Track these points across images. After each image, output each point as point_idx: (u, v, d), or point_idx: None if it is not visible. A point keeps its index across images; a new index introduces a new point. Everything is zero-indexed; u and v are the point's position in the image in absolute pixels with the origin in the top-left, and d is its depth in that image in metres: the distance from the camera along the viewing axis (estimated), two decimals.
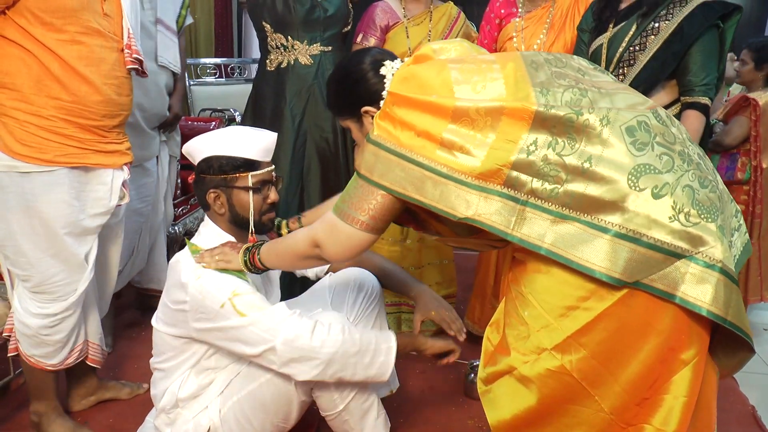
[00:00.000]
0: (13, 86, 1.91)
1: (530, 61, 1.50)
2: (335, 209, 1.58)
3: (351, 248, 1.58)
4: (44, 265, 2.05)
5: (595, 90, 1.45)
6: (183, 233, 3.95)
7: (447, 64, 1.51)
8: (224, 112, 4.83)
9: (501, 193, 1.40)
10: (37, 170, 1.96)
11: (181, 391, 1.92)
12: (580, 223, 1.36)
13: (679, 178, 1.35)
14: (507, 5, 2.84)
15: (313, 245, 1.63)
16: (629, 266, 1.33)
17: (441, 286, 3.09)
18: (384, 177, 1.48)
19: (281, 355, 1.72)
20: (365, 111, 1.65)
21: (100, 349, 2.39)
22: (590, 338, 1.40)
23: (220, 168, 1.89)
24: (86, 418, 2.39)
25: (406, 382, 2.57)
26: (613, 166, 1.35)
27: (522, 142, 1.37)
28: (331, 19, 2.74)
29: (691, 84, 2.23)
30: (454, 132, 1.41)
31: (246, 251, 1.83)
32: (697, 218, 1.33)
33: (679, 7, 2.27)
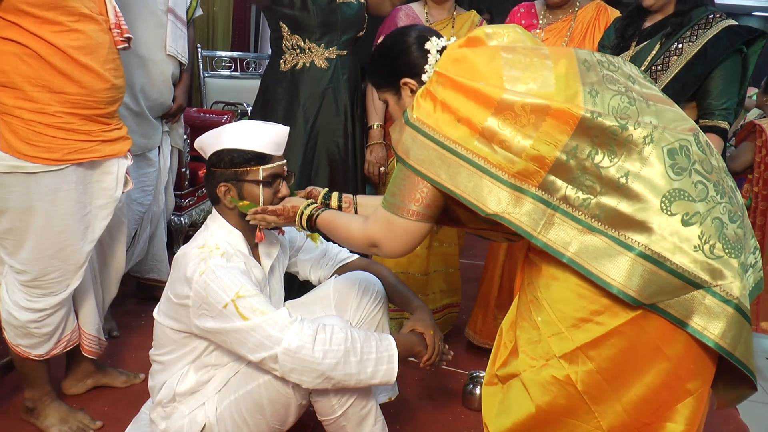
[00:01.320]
0: (12, 85, 1.86)
1: (583, 59, 1.48)
2: (385, 204, 1.56)
3: (410, 242, 1.55)
4: (43, 263, 2.03)
5: (642, 101, 1.43)
6: (188, 224, 3.95)
7: (500, 52, 1.48)
8: (237, 105, 4.84)
9: (534, 195, 1.38)
10: (44, 170, 1.93)
11: (179, 386, 1.90)
12: (606, 237, 1.34)
13: (711, 209, 1.34)
14: (528, 16, 2.83)
15: (370, 245, 1.60)
16: (648, 288, 1.31)
17: (445, 294, 3.07)
18: (420, 162, 1.46)
19: (282, 365, 1.70)
20: (405, 83, 1.64)
21: (96, 339, 2.37)
22: (599, 352, 1.39)
23: (231, 161, 1.87)
24: (81, 405, 2.37)
25: (404, 390, 2.55)
26: (649, 185, 1.33)
27: (563, 147, 1.35)
28: (348, 22, 2.73)
29: (711, 107, 2.22)
30: (495, 124, 1.39)
31: (300, 215, 1.81)
32: (721, 252, 1.32)
33: (703, 29, 2.25)
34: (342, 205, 1.98)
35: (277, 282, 2.10)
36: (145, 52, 2.64)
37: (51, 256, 2.03)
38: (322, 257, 2.23)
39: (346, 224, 1.69)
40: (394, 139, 1.55)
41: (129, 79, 2.15)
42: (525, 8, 2.87)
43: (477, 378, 2.62)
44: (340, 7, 2.71)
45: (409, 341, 1.90)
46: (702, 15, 2.27)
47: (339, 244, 1.79)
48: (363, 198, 2.01)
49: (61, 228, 2.01)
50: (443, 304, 3.07)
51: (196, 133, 3.76)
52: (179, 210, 3.88)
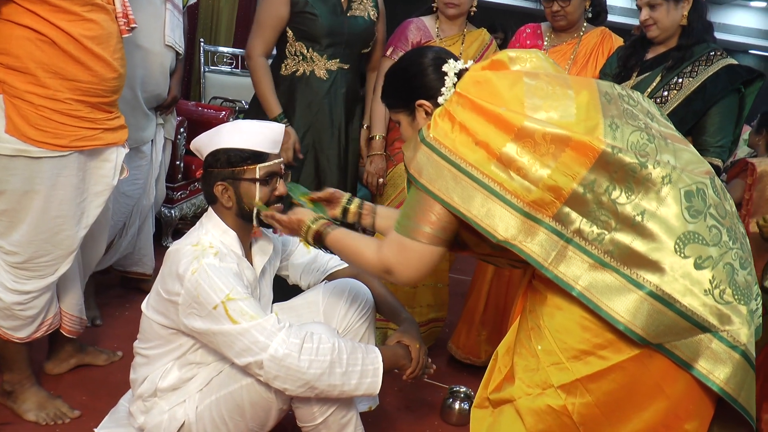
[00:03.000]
0: (26, 70, 1.88)
1: (605, 91, 1.49)
2: (398, 228, 1.53)
3: (422, 267, 1.52)
4: (36, 246, 2.04)
5: (661, 139, 1.44)
6: (178, 218, 3.94)
7: (522, 78, 1.48)
8: (235, 102, 4.83)
9: (548, 226, 1.38)
10: (48, 155, 1.94)
11: (161, 381, 1.90)
12: (618, 273, 1.35)
13: (723, 255, 1.35)
14: (533, 37, 2.86)
15: (384, 271, 1.57)
16: (655, 327, 1.33)
17: (432, 308, 3.08)
18: (433, 183, 1.45)
19: (267, 371, 1.70)
20: (420, 104, 1.63)
21: (78, 319, 2.37)
22: (599, 386, 1.40)
23: (228, 160, 1.87)
24: (60, 393, 2.37)
25: (384, 400, 2.56)
26: (664, 226, 1.34)
27: (580, 179, 1.36)
28: (355, 36, 2.73)
29: (706, 144, 2.24)
30: (514, 151, 1.39)
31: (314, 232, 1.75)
32: (731, 298, 1.34)
33: (704, 65, 2.28)
34: (362, 213, 1.96)
35: (267, 285, 2.10)
36: (144, 43, 2.63)
37: (45, 240, 2.03)
38: (312, 262, 2.23)
39: (359, 248, 1.65)
40: (407, 156, 1.54)
41: (129, 70, 2.16)
42: (531, 29, 2.90)
43: (456, 393, 2.63)
44: (349, 20, 2.71)
45: (394, 354, 1.90)
46: (703, 51, 2.30)
47: (350, 265, 1.77)
48: (383, 209, 1.99)
49: (58, 212, 2.02)
50: (429, 318, 3.08)
51: (193, 126, 3.80)
52: (170, 202, 3.88)
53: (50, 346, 2.48)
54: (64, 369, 2.51)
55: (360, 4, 2.76)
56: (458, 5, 2.83)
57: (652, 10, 2.29)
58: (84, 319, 2.43)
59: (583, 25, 2.77)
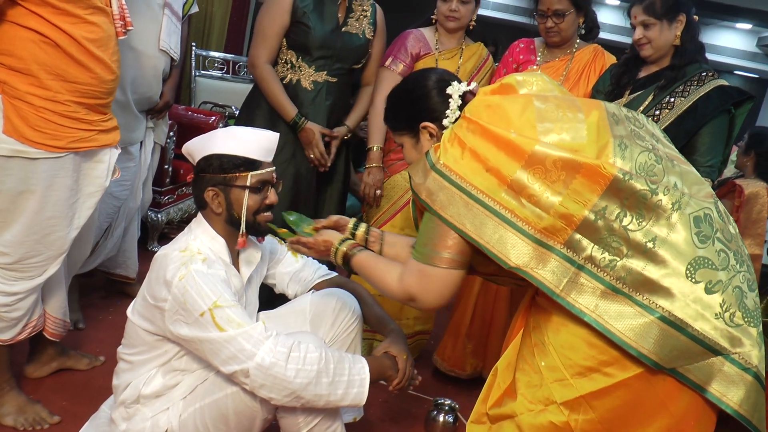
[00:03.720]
0: (28, 71, 1.88)
1: (612, 112, 1.50)
2: (416, 256, 1.54)
3: (445, 291, 1.52)
4: (28, 246, 2.02)
5: (668, 160, 1.45)
6: (165, 222, 3.92)
7: (533, 101, 1.49)
8: (225, 108, 4.81)
9: (560, 253, 1.39)
10: (45, 156, 1.94)
11: (144, 388, 1.88)
12: (630, 300, 1.36)
13: (732, 278, 1.37)
14: (527, 52, 2.87)
15: (407, 299, 1.58)
16: (668, 352, 1.34)
17: (419, 321, 3.07)
18: (445, 209, 1.46)
19: (253, 380, 1.68)
20: (424, 126, 1.63)
21: (62, 322, 2.36)
22: (603, 403, 1.40)
23: (221, 166, 1.86)
24: (39, 398, 2.33)
25: (368, 411, 2.54)
26: (675, 252, 1.35)
27: (592, 206, 1.37)
28: (347, 51, 2.74)
29: (696, 163, 2.25)
30: (524, 177, 1.39)
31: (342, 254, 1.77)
32: (740, 320, 1.35)
33: (696, 85, 2.29)
34: (369, 239, 1.95)
35: (254, 293, 2.09)
36: (138, 45, 2.62)
37: (36, 240, 2.02)
38: (300, 271, 2.22)
39: (383, 273, 1.66)
40: (416, 182, 1.54)
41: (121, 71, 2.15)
42: (525, 44, 2.91)
43: (441, 405, 2.62)
44: (343, 36, 2.72)
45: (381, 365, 1.89)
46: (695, 72, 2.32)
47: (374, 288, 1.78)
48: (390, 236, 1.98)
49: (52, 213, 2.02)
50: (415, 331, 3.07)
51: (183, 130, 3.78)
52: (157, 206, 3.85)
53: (31, 348, 2.45)
54: (45, 373, 2.47)
55: (356, 20, 2.77)
56: (459, 19, 2.85)
57: (646, 29, 2.31)
58: (67, 321, 2.41)
59: (576, 41, 2.79)
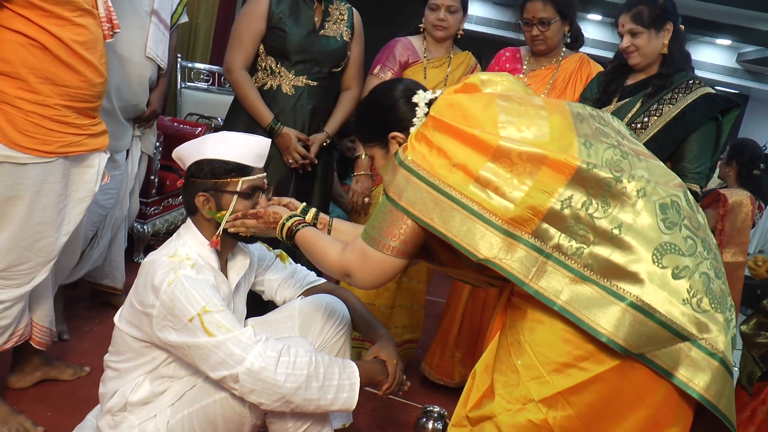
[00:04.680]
0: (16, 75, 1.87)
1: (576, 112, 1.52)
2: (364, 236, 1.55)
3: (382, 275, 1.54)
4: (17, 253, 2.01)
5: (634, 155, 1.46)
6: (151, 233, 3.88)
7: (495, 100, 1.50)
8: (211, 119, 4.80)
9: (527, 242, 1.39)
10: (34, 161, 1.92)
11: (132, 395, 1.84)
12: (598, 286, 1.36)
13: (699, 265, 1.38)
14: (513, 61, 2.88)
15: (344, 273, 1.59)
16: (637, 338, 1.33)
17: (407, 329, 3.06)
18: (412, 204, 1.46)
19: (243, 385, 1.66)
20: (393, 136, 1.64)
21: (48, 331, 2.34)
22: (580, 398, 1.40)
23: (212, 172, 1.85)
24: (23, 408, 2.28)
25: (356, 418, 2.52)
26: (641, 238, 1.36)
27: (557, 196, 1.38)
28: (325, 55, 2.76)
29: (684, 170, 2.27)
30: (491, 171, 1.40)
31: (282, 226, 1.79)
32: (708, 306, 1.36)
33: (683, 93, 2.32)
34: (316, 224, 1.95)
35: (241, 300, 2.07)
36: (124, 52, 2.61)
37: (25, 247, 2.00)
38: (289, 278, 2.20)
39: (324, 247, 1.68)
40: (386, 180, 1.55)
41: None
42: (511, 52, 2.92)
43: (430, 412, 2.60)
44: (320, 39, 2.74)
45: (372, 369, 1.88)
46: (683, 79, 2.34)
47: (313, 263, 1.78)
48: (339, 223, 2.00)
49: (41, 219, 2.00)
50: (404, 339, 3.06)
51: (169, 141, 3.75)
52: (143, 218, 3.82)
53: (14, 358, 2.41)
54: (29, 383, 2.44)
55: (334, 23, 2.79)
56: (447, 28, 2.87)
57: (634, 37, 2.33)
58: (54, 330, 2.39)
59: (562, 50, 2.80)
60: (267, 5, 2.69)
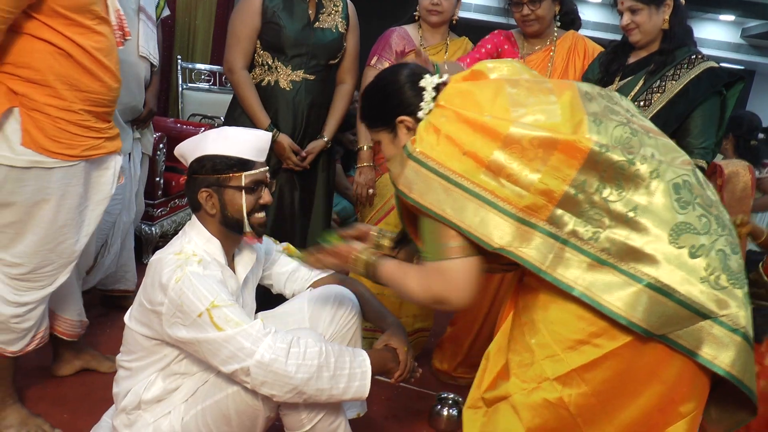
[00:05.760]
0: (45, 82, 1.91)
1: (584, 91, 1.51)
2: (428, 256, 1.49)
3: (470, 283, 1.46)
4: (42, 256, 2.06)
5: (644, 133, 1.46)
6: (159, 235, 3.89)
7: (504, 86, 1.49)
8: (214, 119, 4.80)
9: (542, 229, 1.39)
10: (60, 165, 1.98)
11: (145, 393, 1.85)
12: (616, 270, 1.36)
13: (714, 242, 1.38)
14: (509, 43, 2.84)
15: (435, 302, 1.50)
16: (657, 319, 1.33)
17: (418, 318, 3.06)
18: (423, 196, 1.44)
19: (254, 378, 1.67)
20: (401, 120, 1.62)
21: (78, 323, 2.46)
22: (594, 375, 1.40)
23: (214, 167, 1.84)
24: (40, 411, 2.31)
25: (371, 408, 2.52)
26: (656, 219, 1.36)
27: (571, 181, 1.37)
28: (321, 48, 2.75)
29: (690, 146, 2.25)
30: (502, 158, 1.39)
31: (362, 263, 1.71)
32: (726, 283, 1.35)
33: (686, 68, 2.29)
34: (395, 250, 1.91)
35: (250, 294, 2.07)
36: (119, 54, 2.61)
37: (50, 249, 2.06)
38: (296, 271, 2.20)
39: (405, 282, 1.59)
40: (394, 173, 1.54)
41: None
42: (505, 35, 2.88)
43: (444, 399, 2.61)
44: (315, 32, 2.73)
45: (382, 357, 1.88)
46: (685, 55, 2.31)
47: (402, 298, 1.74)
48: None
49: (64, 222, 2.06)
50: (415, 328, 3.06)
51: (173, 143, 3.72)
52: (151, 220, 3.83)
53: (54, 348, 2.54)
54: (71, 371, 2.58)
55: (328, 15, 2.78)
56: (441, 12, 2.84)
57: (634, 14, 2.31)
58: (84, 321, 2.51)
59: (554, 30, 2.77)
60: (260, 0, 2.68)
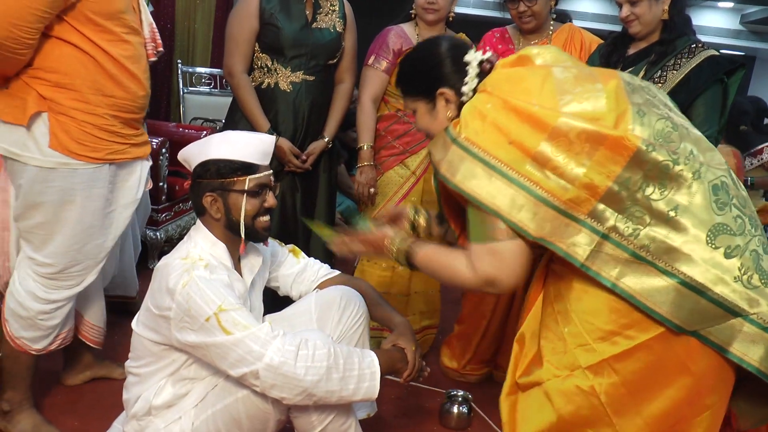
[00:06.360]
0: (72, 86, 1.97)
1: (627, 81, 1.51)
2: (476, 239, 1.49)
3: (520, 264, 1.46)
4: (70, 256, 2.11)
5: (684, 128, 1.47)
6: (164, 240, 3.90)
7: (552, 72, 1.49)
8: (216, 122, 4.80)
9: (584, 223, 1.40)
10: (84, 167, 2.04)
11: (155, 399, 1.86)
12: (654, 267, 1.38)
13: (748, 242, 1.40)
14: (503, 42, 2.83)
15: (486, 284, 1.49)
16: (691, 316, 1.36)
17: (425, 315, 3.06)
18: (465, 182, 1.45)
19: (264, 381, 1.67)
20: (441, 93, 1.62)
21: (102, 330, 2.51)
22: (625, 365, 1.42)
23: (218, 171, 1.84)
24: (51, 418, 2.32)
25: (381, 407, 2.53)
26: (696, 219, 1.38)
27: (615, 177, 1.37)
28: (319, 48, 2.74)
29: None
30: (548, 150, 1.39)
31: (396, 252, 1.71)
32: (758, 282, 1.38)
33: (686, 58, 2.28)
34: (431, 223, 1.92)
35: (257, 297, 2.07)
36: None
37: (77, 250, 2.12)
38: (302, 272, 2.21)
39: (450, 265, 1.57)
40: (437, 158, 1.52)
41: None
42: (500, 33, 2.88)
43: (454, 397, 2.61)
44: (314, 32, 2.73)
45: (391, 358, 1.88)
46: (685, 44, 2.31)
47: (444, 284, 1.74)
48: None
49: (91, 223, 2.12)
50: (423, 326, 3.06)
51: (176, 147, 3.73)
52: (155, 225, 3.83)
53: (66, 357, 2.55)
54: (79, 381, 2.57)
55: (326, 15, 2.78)
56: (438, 10, 2.83)
57: (633, 6, 2.30)
58: (104, 329, 2.54)
59: (550, 24, 2.76)
60: (257, 2, 2.67)
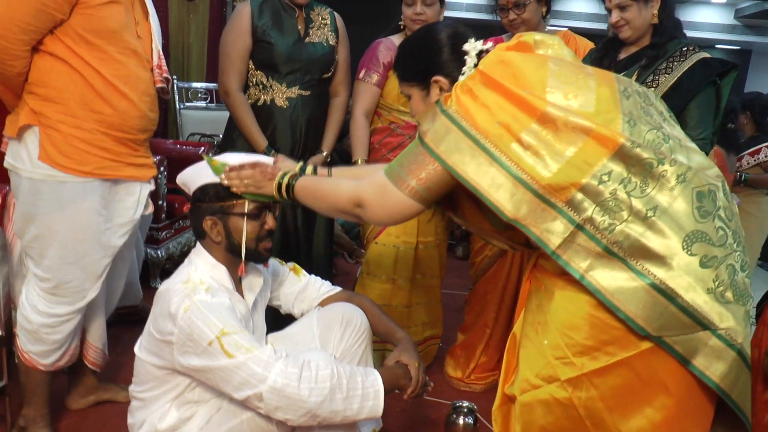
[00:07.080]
0: (59, 100, 2.02)
1: (623, 88, 1.51)
2: (388, 172, 1.55)
3: (395, 214, 1.55)
4: (64, 271, 2.13)
5: (676, 140, 1.45)
6: (165, 258, 3.90)
7: (548, 62, 1.49)
8: (213, 137, 4.80)
9: (560, 210, 1.38)
10: (73, 180, 2.07)
11: (160, 423, 1.86)
12: (624, 264, 1.36)
13: (727, 256, 1.37)
14: None
15: (355, 204, 1.60)
16: (657, 320, 1.34)
17: (427, 326, 3.05)
18: (449, 154, 1.45)
19: (268, 403, 1.67)
20: (436, 80, 1.63)
21: (102, 352, 2.49)
22: (604, 381, 1.41)
23: (217, 195, 1.85)
24: None
25: (387, 421, 2.53)
26: (674, 223, 1.36)
27: (598, 169, 1.36)
28: (313, 62, 2.75)
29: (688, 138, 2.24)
30: (535, 134, 1.39)
31: (280, 179, 1.79)
32: (731, 298, 1.36)
33: (678, 61, 2.28)
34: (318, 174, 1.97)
35: (260, 317, 2.07)
36: None
37: (71, 263, 2.14)
38: (304, 290, 2.21)
39: (334, 184, 1.69)
40: (424, 128, 1.53)
41: None
42: (494, 42, 2.86)
43: (459, 408, 2.61)
44: (307, 47, 2.74)
45: (394, 375, 1.88)
46: (676, 47, 2.31)
47: (318, 208, 1.79)
48: (338, 170, 2.02)
49: (83, 237, 2.13)
50: (425, 336, 3.05)
51: (173, 165, 3.76)
52: (156, 243, 3.83)
53: (70, 380, 2.55)
54: (83, 405, 2.57)
55: (318, 29, 2.79)
56: (425, 21, 2.81)
57: (623, 11, 2.30)
58: (106, 354, 2.53)
59: (544, 31, 2.76)
60: (249, 19, 2.69)
